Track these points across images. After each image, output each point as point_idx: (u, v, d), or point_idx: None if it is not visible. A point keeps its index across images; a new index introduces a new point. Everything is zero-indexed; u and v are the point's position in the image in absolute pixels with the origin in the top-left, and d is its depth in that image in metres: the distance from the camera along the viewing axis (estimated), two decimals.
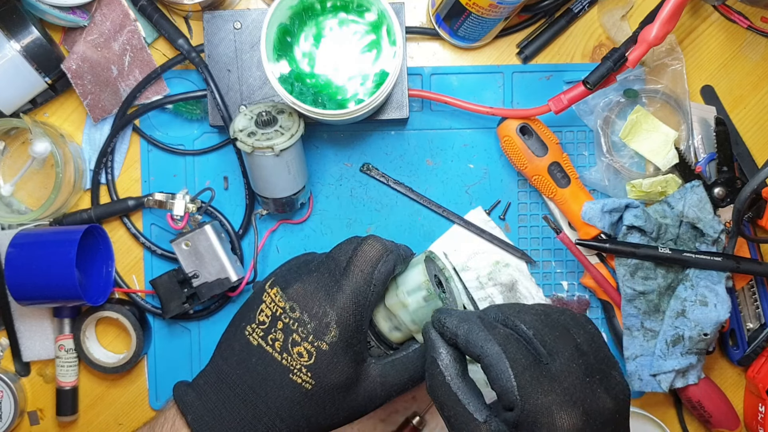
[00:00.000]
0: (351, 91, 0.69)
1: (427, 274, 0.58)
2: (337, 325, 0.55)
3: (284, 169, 0.69)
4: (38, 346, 0.78)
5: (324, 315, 0.56)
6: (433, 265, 0.62)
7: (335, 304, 0.56)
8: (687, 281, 0.74)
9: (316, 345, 0.55)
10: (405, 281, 0.59)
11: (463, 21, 0.72)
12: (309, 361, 0.55)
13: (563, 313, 0.52)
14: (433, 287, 0.58)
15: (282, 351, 0.56)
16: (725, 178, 0.77)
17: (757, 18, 0.80)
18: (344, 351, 0.56)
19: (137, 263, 0.79)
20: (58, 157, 0.72)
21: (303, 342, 0.56)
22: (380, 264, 0.57)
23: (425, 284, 0.58)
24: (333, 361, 0.56)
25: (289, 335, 0.56)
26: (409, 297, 0.58)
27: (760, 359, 0.78)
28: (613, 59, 0.68)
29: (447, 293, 0.61)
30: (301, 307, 0.56)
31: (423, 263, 0.59)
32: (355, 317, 0.56)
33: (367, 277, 0.57)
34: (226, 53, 0.74)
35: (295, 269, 0.61)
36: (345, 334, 0.56)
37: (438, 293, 0.58)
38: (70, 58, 0.73)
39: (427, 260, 0.60)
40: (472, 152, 0.79)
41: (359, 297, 0.56)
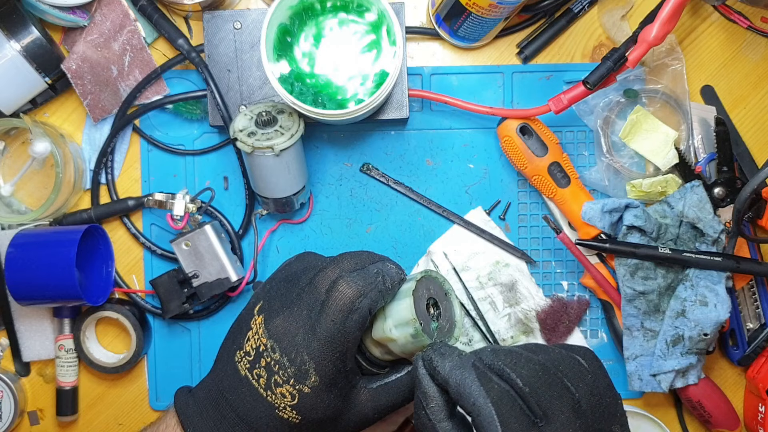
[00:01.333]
0: (351, 91, 0.69)
1: (415, 311, 0.53)
2: (316, 372, 0.53)
3: (284, 169, 0.69)
4: (38, 346, 0.78)
5: (302, 362, 0.53)
6: (430, 283, 0.57)
7: (312, 352, 0.53)
8: (687, 281, 0.74)
9: (298, 388, 0.54)
10: (392, 313, 0.55)
11: (463, 21, 0.72)
12: (293, 402, 0.54)
13: (563, 361, 0.48)
14: (421, 325, 0.53)
15: (266, 388, 0.54)
16: (725, 178, 0.77)
17: (757, 18, 0.80)
18: (327, 391, 0.54)
19: (137, 263, 0.79)
20: (58, 157, 0.72)
21: (285, 384, 0.54)
22: (353, 313, 0.53)
23: (412, 322, 0.53)
24: (317, 401, 0.54)
25: (272, 375, 0.54)
26: (397, 332, 0.54)
27: (760, 359, 0.78)
28: (613, 59, 0.68)
29: (444, 314, 0.57)
30: (281, 350, 0.54)
31: (411, 297, 0.54)
32: (334, 364, 0.53)
33: (339, 327, 0.53)
34: (226, 53, 0.74)
35: (284, 289, 0.58)
36: (325, 378, 0.54)
37: (430, 328, 0.55)
38: (70, 58, 0.73)
39: (422, 281, 0.56)
40: (472, 152, 0.79)
41: (335, 345, 0.53)
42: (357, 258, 0.57)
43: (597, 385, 0.48)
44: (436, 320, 0.56)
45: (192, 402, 0.58)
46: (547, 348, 0.50)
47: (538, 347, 0.50)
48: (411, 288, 0.54)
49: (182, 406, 0.58)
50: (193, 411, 0.57)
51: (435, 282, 0.57)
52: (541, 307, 0.78)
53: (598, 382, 0.48)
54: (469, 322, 0.78)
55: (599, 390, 0.48)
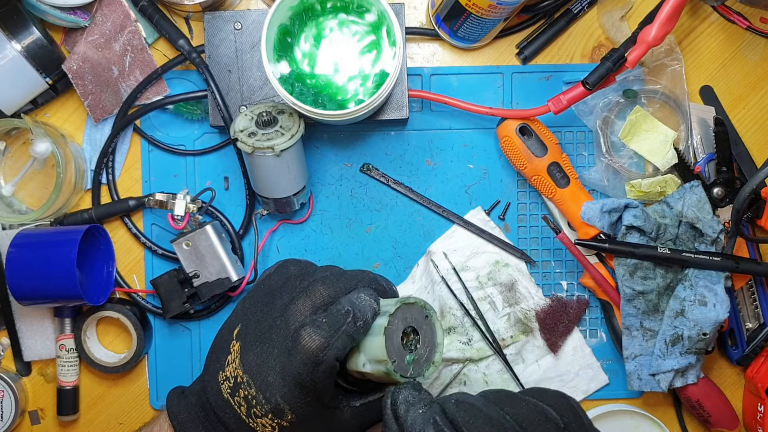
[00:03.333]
0: (351, 92, 0.69)
1: (386, 351, 0.52)
2: (291, 411, 0.53)
3: (284, 169, 0.69)
4: (39, 345, 0.78)
5: (277, 403, 0.53)
6: (407, 311, 0.55)
7: (284, 395, 0.53)
8: (686, 281, 0.74)
9: (277, 422, 0.54)
10: (365, 349, 0.54)
11: (462, 21, 0.73)
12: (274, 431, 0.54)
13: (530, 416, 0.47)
14: (394, 363, 0.52)
15: (248, 416, 0.54)
16: (724, 178, 0.77)
17: (756, 18, 0.80)
18: (306, 423, 0.54)
19: (138, 263, 0.79)
20: (59, 157, 0.72)
21: (264, 417, 0.54)
22: (319, 365, 0.51)
23: (384, 363, 0.52)
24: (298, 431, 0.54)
25: (251, 408, 0.54)
26: (370, 367, 0.53)
27: (759, 359, 0.78)
28: (613, 60, 0.69)
29: (424, 339, 0.55)
30: (256, 387, 0.53)
31: (383, 336, 0.52)
32: (309, 405, 0.53)
33: (306, 377, 0.52)
34: (227, 54, 0.74)
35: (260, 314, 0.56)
36: (302, 416, 0.53)
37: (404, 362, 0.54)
38: (70, 58, 0.73)
39: (396, 313, 0.54)
40: (472, 152, 0.80)
41: (306, 390, 0.52)
42: (331, 288, 0.55)
43: None
44: (413, 350, 0.54)
45: (184, 407, 0.58)
46: (516, 399, 0.48)
47: (510, 398, 0.49)
48: (383, 325, 0.53)
49: (175, 410, 0.58)
50: (186, 417, 0.58)
51: (413, 308, 0.55)
52: (541, 307, 0.78)
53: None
54: (468, 322, 0.78)
55: None
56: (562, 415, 0.48)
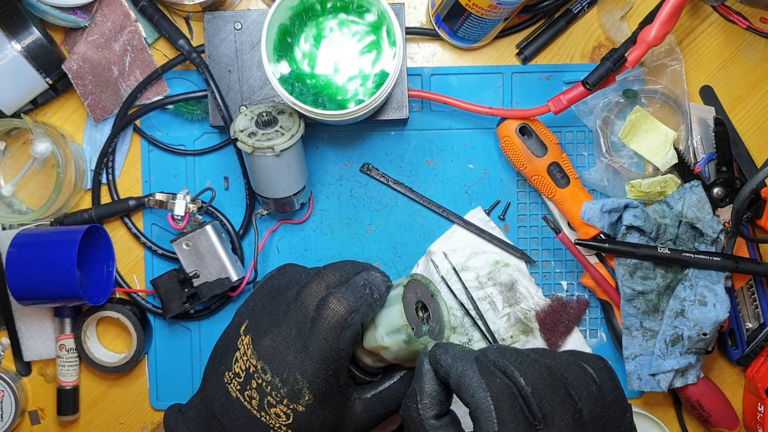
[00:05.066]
0: (351, 92, 0.69)
1: (406, 317, 0.53)
2: (310, 390, 0.53)
3: (284, 169, 0.69)
4: (39, 345, 0.78)
5: (295, 382, 0.53)
6: (417, 286, 0.56)
7: (305, 371, 0.53)
8: (686, 281, 0.74)
9: (292, 407, 0.53)
10: (383, 321, 0.54)
11: (462, 22, 0.73)
12: (288, 421, 0.54)
13: (569, 368, 0.47)
14: (412, 330, 0.53)
15: (260, 409, 0.54)
16: (724, 178, 0.77)
17: (756, 18, 0.80)
18: (322, 408, 0.54)
19: (138, 263, 0.79)
20: (59, 157, 0.72)
21: (278, 404, 0.53)
22: (346, 330, 0.52)
23: (404, 328, 0.53)
24: (311, 419, 0.54)
25: (264, 396, 0.53)
26: (389, 339, 0.54)
27: (759, 359, 0.78)
28: (613, 60, 0.69)
29: (433, 315, 0.57)
30: (272, 370, 0.53)
31: (401, 303, 0.54)
32: (328, 381, 0.53)
33: (332, 344, 0.52)
34: (227, 54, 0.74)
35: (270, 306, 0.57)
36: (320, 396, 0.53)
37: (421, 331, 0.55)
38: (70, 58, 0.73)
39: (409, 285, 0.55)
40: (472, 152, 0.80)
41: (329, 362, 0.53)
42: (341, 270, 0.56)
43: (603, 396, 0.47)
44: (426, 323, 0.56)
45: (182, 422, 0.57)
46: (555, 354, 0.49)
47: (547, 352, 0.49)
48: (400, 294, 0.54)
49: (172, 427, 0.57)
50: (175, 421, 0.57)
51: (421, 285, 0.57)
52: (541, 307, 0.78)
53: (604, 393, 0.47)
54: (468, 322, 0.78)
55: (605, 402, 0.47)
56: (599, 374, 0.48)
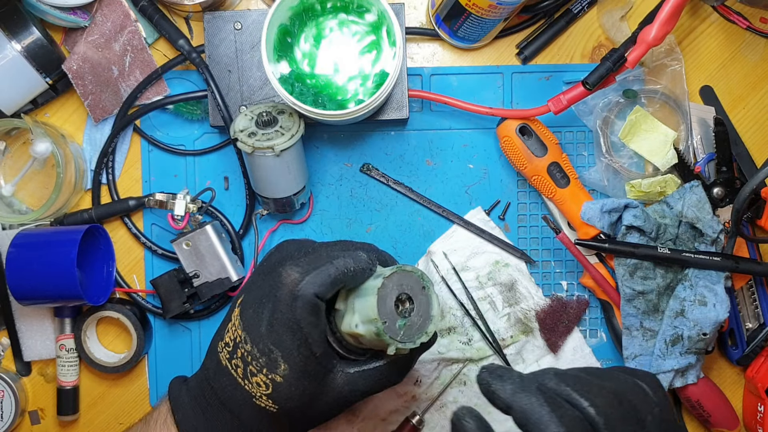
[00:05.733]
0: (351, 92, 0.69)
1: (377, 310, 0.53)
2: (284, 360, 0.54)
3: (284, 169, 0.69)
4: (39, 345, 0.78)
5: (270, 351, 0.54)
6: (404, 278, 0.55)
7: (275, 341, 0.54)
8: (686, 281, 0.74)
9: (271, 377, 0.54)
10: (359, 309, 0.55)
11: (462, 22, 0.73)
12: (267, 391, 0.55)
13: (632, 391, 0.46)
14: (384, 324, 0.53)
15: (244, 378, 0.56)
16: (724, 178, 0.77)
17: (756, 18, 0.80)
18: (299, 379, 0.55)
19: (138, 263, 0.79)
20: (59, 157, 0.72)
21: (259, 374, 0.55)
22: (297, 300, 0.53)
23: (374, 321, 0.53)
24: (290, 389, 0.55)
25: (247, 365, 0.55)
26: (363, 327, 0.54)
27: (759, 359, 0.78)
28: (613, 60, 0.69)
29: (418, 309, 0.56)
30: (251, 341, 0.55)
31: (376, 295, 0.54)
32: (299, 351, 0.54)
33: (288, 315, 0.53)
34: (227, 54, 0.74)
35: (260, 281, 0.58)
36: (295, 366, 0.54)
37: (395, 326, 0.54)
38: (70, 58, 0.73)
39: (391, 277, 0.55)
40: (472, 152, 0.80)
41: (292, 332, 0.53)
42: (330, 248, 0.57)
43: (664, 418, 0.46)
44: (406, 316, 0.55)
45: (185, 390, 0.60)
46: (612, 374, 0.47)
47: (602, 372, 0.48)
48: (377, 285, 0.54)
49: (175, 393, 0.60)
50: (185, 399, 0.59)
51: (410, 276, 0.56)
52: (541, 307, 0.78)
53: (664, 414, 0.46)
54: (468, 322, 0.78)
55: (666, 424, 0.46)
56: (655, 393, 0.47)
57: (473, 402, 0.79)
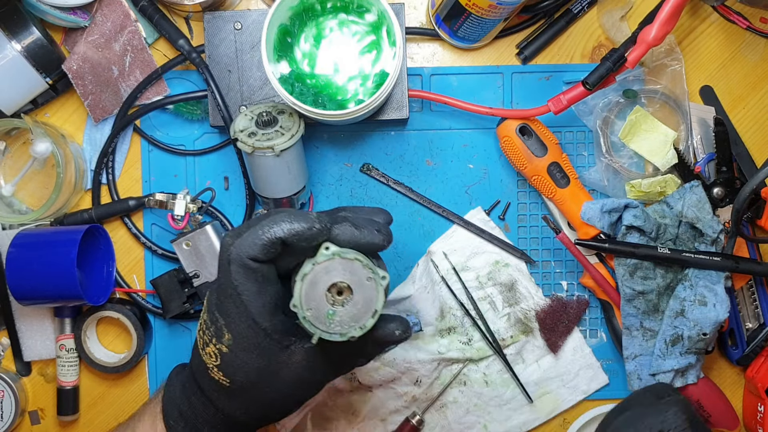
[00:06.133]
0: (351, 92, 0.69)
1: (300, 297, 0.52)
2: (227, 330, 0.54)
3: (284, 169, 0.69)
4: (39, 345, 0.78)
5: (216, 320, 0.54)
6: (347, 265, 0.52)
7: (220, 309, 0.54)
8: (686, 281, 0.74)
9: (218, 347, 0.54)
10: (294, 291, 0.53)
11: (462, 22, 0.73)
12: (217, 362, 0.55)
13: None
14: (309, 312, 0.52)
15: (202, 347, 0.56)
16: (724, 178, 0.77)
17: (756, 18, 0.80)
18: (245, 351, 0.54)
19: (138, 263, 0.79)
20: (59, 157, 0.72)
21: (209, 344, 0.55)
22: (231, 264, 0.52)
23: (296, 308, 0.52)
24: (236, 362, 0.54)
25: (203, 335, 0.56)
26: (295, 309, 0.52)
27: (759, 359, 0.78)
28: (613, 60, 0.69)
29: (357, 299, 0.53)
30: (207, 310, 0.55)
31: (301, 281, 0.52)
32: (242, 319, 0.53)
33: (225, 279, 0.53)
34: (227, 54, 0.74)
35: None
36: (240, 336, 0.53)
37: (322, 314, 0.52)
38: (70, 58, 0.73)
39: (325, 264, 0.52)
40: (472, 152, 0.80)
41: (231, 298, 0.53)
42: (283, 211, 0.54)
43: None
44: (341, 306, 0.52)
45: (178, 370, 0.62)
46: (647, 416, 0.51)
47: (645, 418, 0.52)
48: (305, 272, 0.52)
49: (171, 374, 0.62)
50: (174, 378, 0.61)
51: (352, 264, 0.52)
52: (541, 307, 0.78)
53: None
54: (468, 322, 0.78)
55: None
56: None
57: (473, 402, 0.79)
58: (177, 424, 0.58)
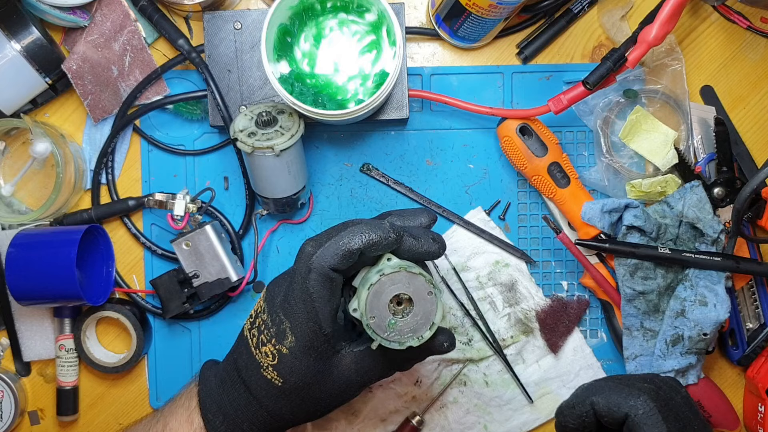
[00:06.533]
0: (351, 92, 0.69)
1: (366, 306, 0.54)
2: (292, 332, 0.56)
3: (284, 169, 0.69)
4: (39, 345, 0.78)
5: (280, 322, 0.56)
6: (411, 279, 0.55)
7: (287, 312, 0.56)
8: (686, 281, 0.74)
9: (278, 348, 0.56)
10: (358, 297, 0.56)
11: (462, 21, 0.72)
12: (273, 362, 0.57)
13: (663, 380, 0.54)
14: (372, 320, 0.55)
15: (256, 347, 0.58)
16: (725, 178, 0.77)
17: (757, 18, 0.80)
18: (305, 354, 0.56)
19: (138, 263, 0.79)
20: (58, 157, 0.72)
21: (268, 343, 0.57)
22: (311, 273, 0.54)
23: (361, 315, 0.55)
24: (295, 363, 0.56)
25: (260, 334, 0.58)
26: (357, 315, 0.55)
27: (759, 359, 0.78)
28: (613, 59, 0.68)
29: (417, 311, 0.56)
30: (268, 310, 0.57)
31: (367, 290, 0.55)
32: (308, 324, 0.55)
33: (302, 286, 0.55)
34: (227, 53, 0.74)
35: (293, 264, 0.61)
36: (302, 339, 0.56)
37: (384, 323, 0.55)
38: (70, 58, 0.73)
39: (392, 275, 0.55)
40: (472, 152, 0.80)
41: (304, 304, 0.55)
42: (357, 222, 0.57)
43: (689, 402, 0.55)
44: (401, 316, 0.55)
45: (212, 368, 0.64)
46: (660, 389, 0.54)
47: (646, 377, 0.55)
48: (371, 281, 0.55)
49: (204, 368, 0.64)
50: (208, 372, 0.63)
51: (416, 278, 0.56)
52: (541, 307, 0.78)
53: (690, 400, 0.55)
54: (468, 322, 0.78)
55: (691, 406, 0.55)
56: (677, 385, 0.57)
57: (473, 402, 0.79)
58: (216, 418, 0.60)
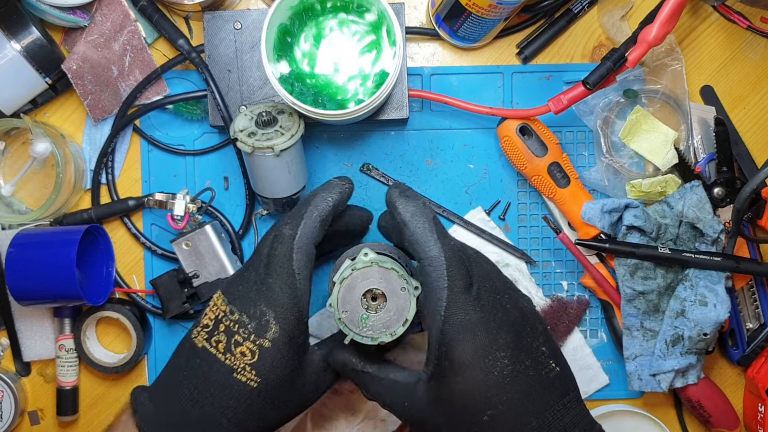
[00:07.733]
0: (351, 92, 0.69)
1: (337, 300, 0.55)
2: (276, 321, 0.56)
3: (284, 169, 0.69)
4: (39, 345, 0.78)
5: (262, 314, 0.56)
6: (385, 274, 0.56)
7: (269, 301, 0.56)
8: (686, 281, 0.74)
9: (259, 343, 0.56)
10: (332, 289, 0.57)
11: (462, 21, 0.72)
12: (252, 360, 0.56)
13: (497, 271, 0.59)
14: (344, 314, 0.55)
15: (225, 351, 0.56)
16: (725, 178, 0.77)
17: (757, 18, 0.80)
18: (287, 344, 0.56)
19: (137, 263, 0.79)
20: (58, 157, 0.72)
21: (245, 342, 0.56)
22: (295, 253, 0.56)
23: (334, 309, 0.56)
24: (277, 356, 0.56)
25: (232, 336, 0.56)
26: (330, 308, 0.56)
27: (759, 359, 0.78)
28: (613, 59, 0.68)
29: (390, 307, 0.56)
30: (239, 310, 0.57)
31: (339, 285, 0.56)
32: (293, 311, 0.56)
33: (288, 273, 0.56)
34: (227, 53, 0.74)
35: (247, 265, 0.60)
36: (286, 327, 0.56)
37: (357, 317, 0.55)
38: (70, 58, 0.73)
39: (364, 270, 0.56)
40: (472, 152, 0.80)
41: (292, 290, 0.56)
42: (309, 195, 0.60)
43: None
44: (374, 311, 0.56)
45: (145, 392, 0.60)
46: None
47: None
48: (344, 276, 0.56)
49: (136, 396, 0.60)
50: (145, 398, 0.59)
51: (390, 273, 0.56)
52: (541, 307, 0.78)
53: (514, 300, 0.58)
54: None
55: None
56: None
57: None
58: None
